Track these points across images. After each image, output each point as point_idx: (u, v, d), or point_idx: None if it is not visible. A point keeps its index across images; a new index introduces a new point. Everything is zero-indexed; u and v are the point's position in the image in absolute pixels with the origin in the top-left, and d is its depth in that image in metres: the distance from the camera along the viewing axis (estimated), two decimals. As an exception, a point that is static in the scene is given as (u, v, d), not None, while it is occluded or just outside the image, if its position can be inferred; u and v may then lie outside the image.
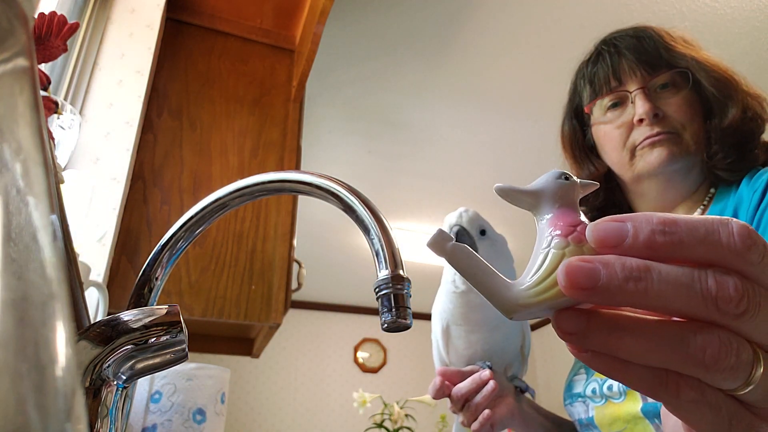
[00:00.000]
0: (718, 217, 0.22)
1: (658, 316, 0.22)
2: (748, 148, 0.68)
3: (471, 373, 0.65)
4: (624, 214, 0.23)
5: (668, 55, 0.70)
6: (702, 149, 0.69)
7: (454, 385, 0.65)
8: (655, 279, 0.21)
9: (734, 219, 0.22)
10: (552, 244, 0.24)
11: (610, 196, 0.80)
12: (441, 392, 0.65)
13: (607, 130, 0.74)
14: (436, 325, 0.74)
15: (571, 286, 0.21)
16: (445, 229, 0.68)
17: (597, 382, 0.67)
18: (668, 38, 0.71)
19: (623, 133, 0.71)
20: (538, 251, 0.25)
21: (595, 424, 0.67)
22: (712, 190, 0.71)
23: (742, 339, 0.21)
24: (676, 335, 0.21)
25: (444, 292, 0.72)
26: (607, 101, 0.73)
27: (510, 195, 0.28)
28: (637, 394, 0.58)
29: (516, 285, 0.24)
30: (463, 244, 0.25)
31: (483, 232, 0.70)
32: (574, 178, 0.27)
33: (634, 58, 0.70)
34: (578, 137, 0.82)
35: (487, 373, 0.64)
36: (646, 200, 0.76)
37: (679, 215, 0.22)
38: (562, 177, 0.26)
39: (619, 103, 0.72)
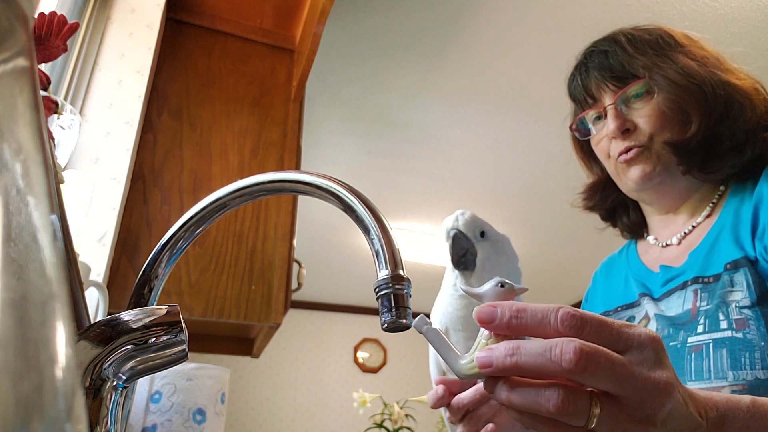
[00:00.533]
0: (554, 305, 0.32)
1: (546, 378, 0.32)
2: (721, 153, 0.66)
3: (472, 382, 0.64)
4: (498, 302, 0.34)
5: (629, 67, 0.69)
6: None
7: (454, 394, 0.63)
8: (522, 354, 0.31)
9: (563, 307, 0.32)
10: (481, 335, 0.35)
11: (619, 196, 0.80)
12: (441, 402, 0.62)
13: (595, 142, 0.76)
14: (435, 326, 0.74)
15: (479, 366, 0.32)
16: (444, 234, 0.69)
17: None
18: (632, 47, 0.70)
19: (606, 145, 0.73)
20: (478, 337, 0.35)
21: None
22: (722, 188, 0.69)
23: (580, 390, 0.31)
24: (534, 392, 0.31)
25: (445, 295, 0.71)
26: (591, 114, 0.75)
27: (466, 293, 0.38)
28: None
29: (462, 359, 0.34)
30: (435, 329, 0.36)
31: (483, 234, 0.69)
32: (510, 284, 0.36)
33: (600, 75, 0.71)
34: (582, 143, 0.84)
35: None
36: (648, 205, 0.77)
37: (529, 305, 0.33)
38: (499, 285, 0.36)
39: (600, 117, 0.73)
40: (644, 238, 0.79)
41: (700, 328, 0.57)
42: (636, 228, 0.80)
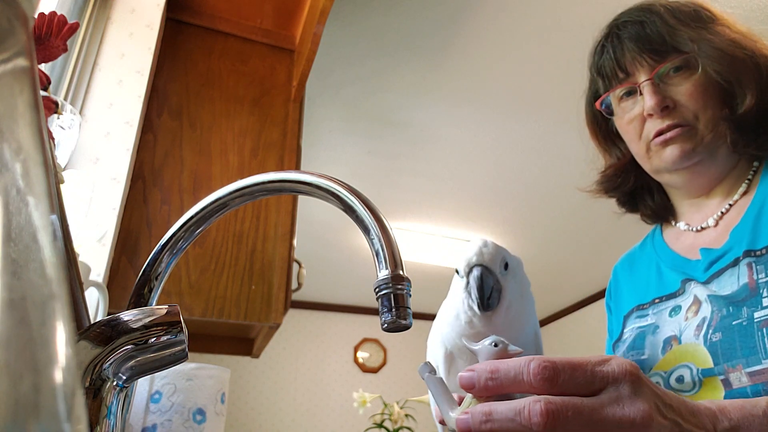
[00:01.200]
0: (527, 358, 0.33)
1: None
2: None
3: None
4: (475, 365, 0.35)
5: (672, 39, 0.64)
6: (721, 136, 0.64)
7: None
8: (495, 416, 0.32)
9: (535, 359, 0.33)
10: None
11: (641, 179, 0.75)
12: None
13: (623, 122, 0.70)
14: (437, 347, 0.68)
15: (459, 430, 0.34)
16: (463, 266, 0.62)
17: (661, 376, 0.61)
18: (673, 19, 0.65)
19: (637, 125, 0.67)
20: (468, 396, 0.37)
21: None
22: (756, 164, 0.66)
23: None
24: None
25: (450, 316, 0.65)
26: (619, 92, 0.69)
27: (466, 345, 0.40)
28: (718, 382, 0.55)
29: (452, 411, 0.36)
30: (436, 377, 0.38)
31: (506, 266, 0.64)
32: (504, 344, 0.38)
33: (636, 47, 0.66)
34: (601, 124, 0.77)
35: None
36: (675, 189, 0.72)
37: (503, 362, 0.34)
38: (494, 344, 0.37)
39: (632, 92, 0.68)
40: (671, 225, 0.74)
41: (765, 302, 0.53)
42: (661, 211, 0.75)
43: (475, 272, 0.61)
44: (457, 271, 0.65)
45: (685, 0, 0.69)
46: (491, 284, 0.61)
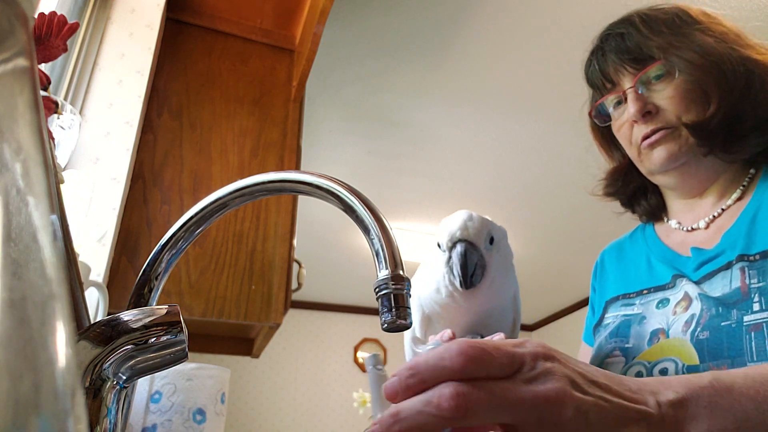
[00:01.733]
0: (445, 345, 0.31)
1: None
2: (743, 132, 0.64)
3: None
4: (397, 371, 0.32)
5: (647, 48, 0.67)
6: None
7: None
8: (403, 413, 0.30)
9: (456, 342, 0.31)
10: None
11: (641, 183, 0.77)
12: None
13: (616, 128, 0.73)
14: (415, 310, 0.66)
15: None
16: (446, 240, 0.59)
17: (644, 366, 0.61)
18: (646, 28, 0.68)
19: (627, 131, 0.70)
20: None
21: None
22: (752, 171, 0.67)
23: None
24: None
25: (431, 280, 0.62)
26: (611, 99, 0.72)
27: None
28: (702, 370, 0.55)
29: (380, 412, 0.34)
30: (379, 374, 0.37)
31: (491, 240, 0.61)
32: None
33: (617, 58, 0.69)
34: (602, 130, 0.80)
35: None
36: (669, 190, 0.74)
37: (422, 356, 0.32)
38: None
39: (621, 101, 0.71)
40: (663, 221, 0.76)
41: (756, 306, 0.54)
42: (655, 211, 0.78)
43: (459, 248, 0.58)
44: (438, 245, 0.61)
45: (667, 5, 0.72)
46: (475, 260, 0.58)
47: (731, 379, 0.37)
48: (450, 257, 0.59)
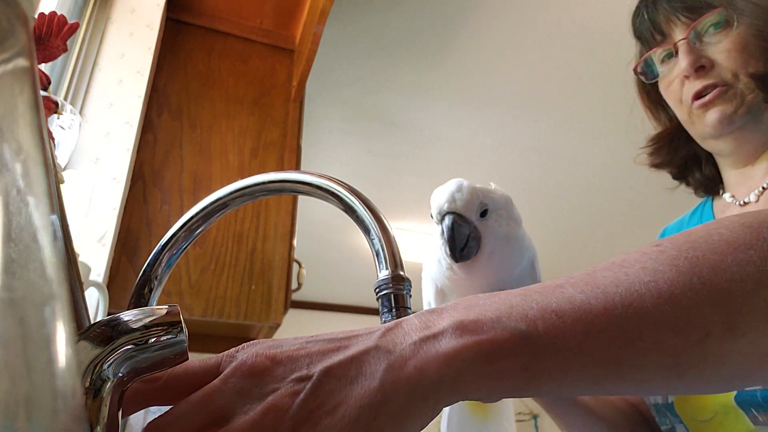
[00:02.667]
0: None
1: None
2: None
3: None
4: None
5: None
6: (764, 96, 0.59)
7: None
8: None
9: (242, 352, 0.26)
10: None
11: (690, 148, 0.70)
12: None
13: (664, 86, 0.67)
14: (428, 285, 0.64)
15: None
16: (435, 212, 0.57)
17: None
18: None
19: (676, 88, 0.64)
20: None
21: (675, 411, 0.58)
22: None
23: None
24: None
25: (436, 258, 0.61)
26: (659, 53, 0.66)
27: None
28: None
29: None
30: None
31: (485, 212, 0.57)
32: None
33: (669, 6, 0.63)
34: (648, 89, 0.74)
35: None
36: (722, 157, 0.67)
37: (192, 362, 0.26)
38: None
39: (672, 54, 0.64)
40: (720, 196, 0.69)
41: None
42: (711, 184, 0.70)
43: (447, 221, 0.55)
44: (432, 216, 0.59)
45: None
46: (466, 233, 0.55)
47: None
48: (442, 230, 0.56)
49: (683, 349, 0.26)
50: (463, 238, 0.55)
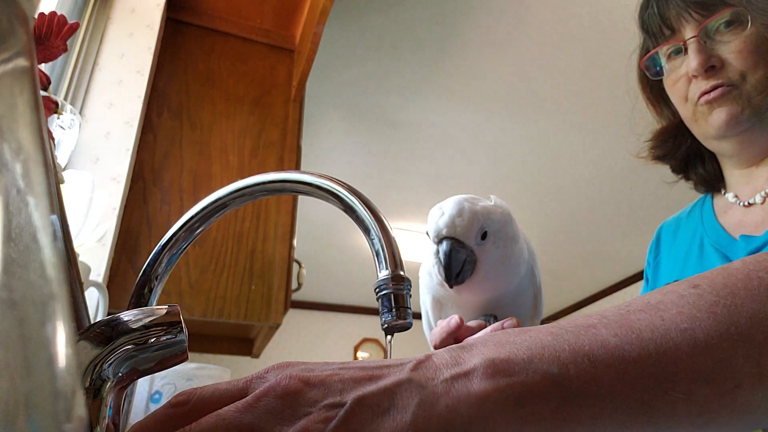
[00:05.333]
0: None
1: None
2: None
3: (479, 328, 0.55)
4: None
5: None
6: None
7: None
8: None
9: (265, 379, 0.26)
10: None
11: (693, 145, 0.69)
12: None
13: (669, 82, 0.66)
14: (425, 295, 0.64)
15: None
16: (432, 234, 0.55)
17: None
18: None
19: (682, 87, 0.63)
20: None
21: None
22: None
23: None
24: None
25: (428, 272, 0.60)
26: (666, 49, 0.64)
27: None
28: None
29: None
30: None
31: (484, 235, 0.55)
32: None
33: (680, 2, 0.61)
34: (650, 83, 0.72)
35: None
36: (726, 158, 0.67)
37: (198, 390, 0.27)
38: None
39: (680, 50, 0.63)
40: (721, 194, 0.68)
41: None
42: (713, 181, 0.69)
43: (444, 246, 0.53)
44: (428, 233, 0.57)
45: None
46: (462, 258, 0.54)
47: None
48: (438, 251, 0.55)
49: (713, 399, 0.26)
50: (459, 263, 0.54)
